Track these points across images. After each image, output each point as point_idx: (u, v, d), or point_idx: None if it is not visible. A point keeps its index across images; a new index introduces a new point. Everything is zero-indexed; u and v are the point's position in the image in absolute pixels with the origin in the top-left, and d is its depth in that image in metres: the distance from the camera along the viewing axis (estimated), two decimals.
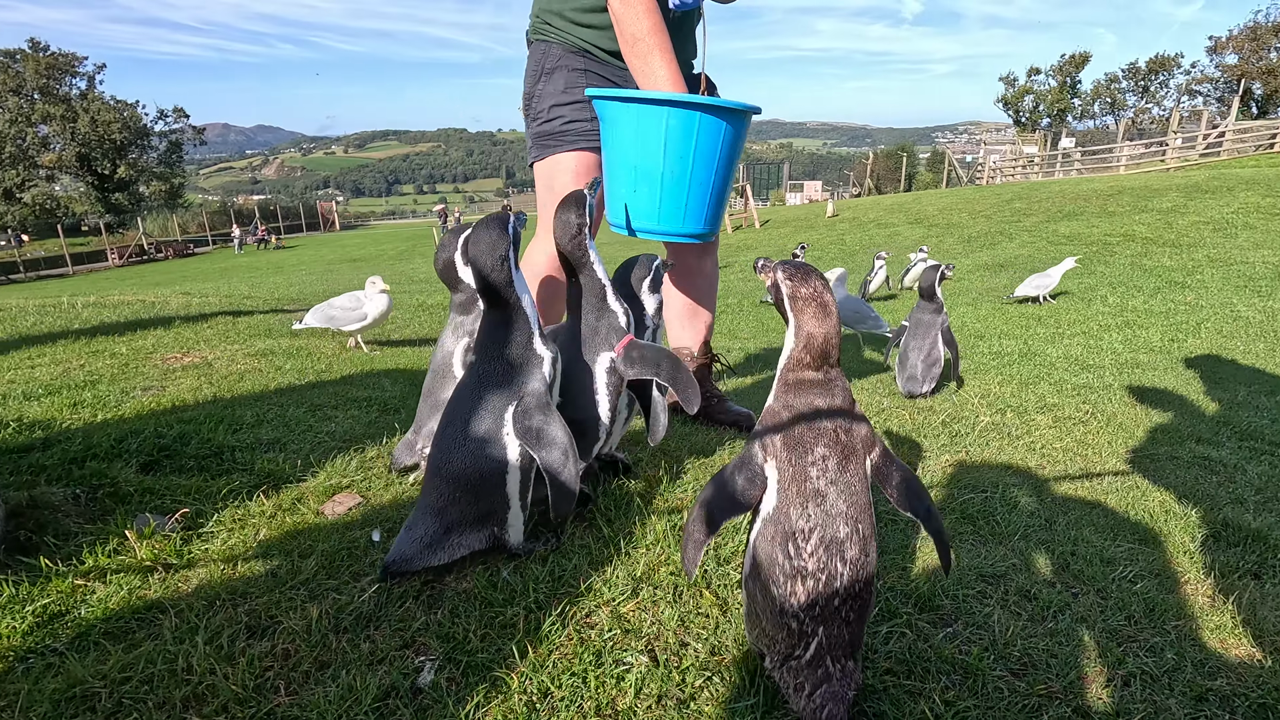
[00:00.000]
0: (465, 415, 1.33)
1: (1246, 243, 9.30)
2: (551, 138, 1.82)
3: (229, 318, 4.84)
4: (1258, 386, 3.53)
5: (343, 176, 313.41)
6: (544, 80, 1.81)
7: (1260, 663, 1.14)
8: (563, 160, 1.82)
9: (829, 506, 0.97)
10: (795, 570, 0.95)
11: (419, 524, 1.31)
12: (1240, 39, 30.60)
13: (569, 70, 1.80)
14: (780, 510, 0.98)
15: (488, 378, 1.34)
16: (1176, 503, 1.81)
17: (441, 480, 1.32)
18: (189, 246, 30.07)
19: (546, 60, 1.82)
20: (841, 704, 0.93)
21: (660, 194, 1.52)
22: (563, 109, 1.80)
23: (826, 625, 0.95)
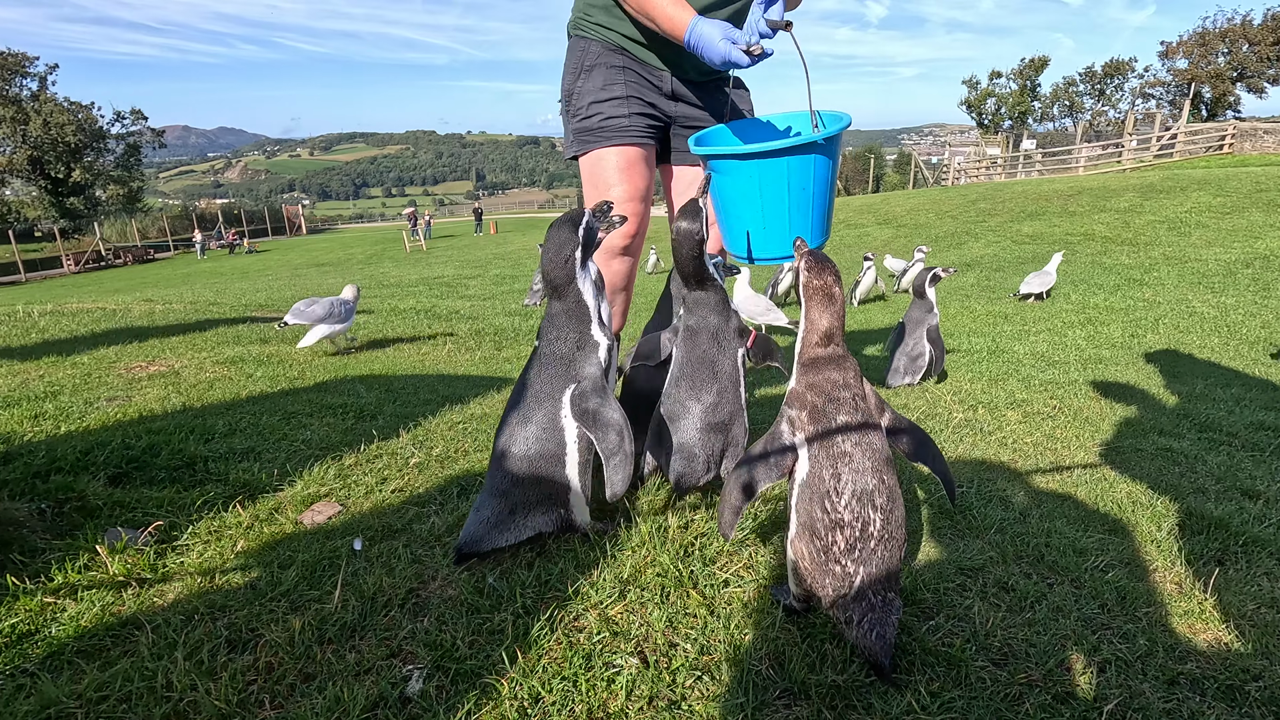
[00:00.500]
0: (526, 400, 1.39)
1: (1200, 241, 9.64)
2: (591, 133, 1.85)
3: (195, 325, 4.72)
4: (1214, 379, 3.66)
5: (309, 179, 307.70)
6: (583, 77, 1.84)
7: (1227, 646, 1.19)
8: (605, 155, 1.84)
9: (856, 464, 1.11)
10: (834, 522, 1.10)
11: (485, 506, 1.38)
12: (1190, 44, 31.69)
13: (608, 68, 1.83)
14: (814, 473, 1.13)
15: (548, 363, 1.40)
16: (1143, 493, 1.87)
17: (504, 463, 1.38)
18: (149, 252, 29.22)
19: (586, 58, 1.85)
20: (888, 628, 1.07)
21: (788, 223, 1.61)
22: (601, 105, 1.83)
23: (865, 565, 1.09)
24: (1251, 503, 1.83)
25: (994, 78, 39.09)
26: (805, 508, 1.13)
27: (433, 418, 2.34)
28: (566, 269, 1.40)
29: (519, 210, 67.51)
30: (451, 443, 2.07)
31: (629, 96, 1.85)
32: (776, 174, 1.53)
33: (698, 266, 1.55)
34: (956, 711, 1.01)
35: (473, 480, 1.78)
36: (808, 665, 1.09)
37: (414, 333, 4.86)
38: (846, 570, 1.09)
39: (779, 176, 1.53)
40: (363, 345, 4.34)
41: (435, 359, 3.82)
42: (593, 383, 1.39)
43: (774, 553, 1.42)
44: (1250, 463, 2.23)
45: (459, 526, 1.51)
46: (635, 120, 1.86)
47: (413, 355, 3.94)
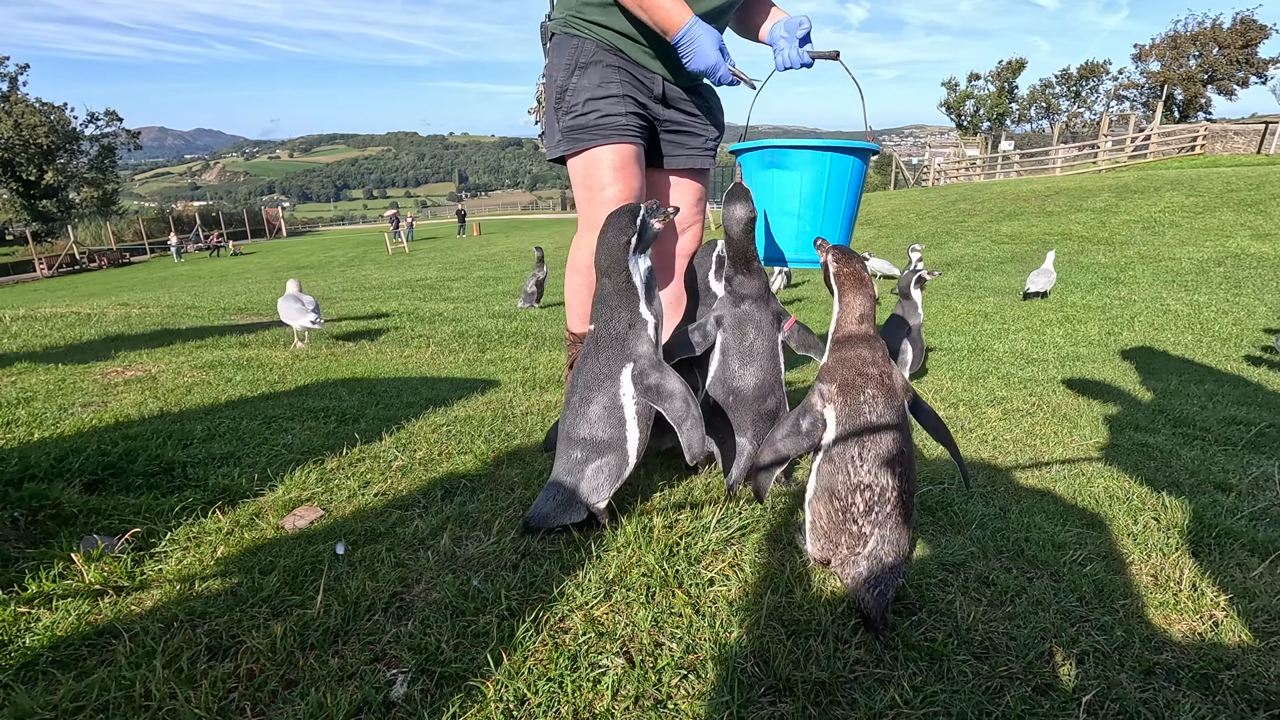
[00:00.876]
0: (587, 382, 1.47)
1: (1173, 240, 9.83)
2: (585, 131, 1.84)
3: (172, 329, 4.66)
4: (1187, 375, 3.73)
5: (289, 181, 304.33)
6: (578, 74, 1.82)
7: (1201, 636, 1.21)
8: (601, 154, 1.84)
9: (879, 433, 1.21)
10: (855, 484, 1.20)
11: (554, 485, 1.46)
12: (1162, 47, 32.32)
13: (604, 66, 1.83)
14: (840, 438, 1.23)
15: (605, 345, 1.49)
16: (1119, 488, 1.90)
17: (571, 444, 1.47)
18: (125, 255, 28.76)
19: (580, 55, 1.84)
20: (891, 587, 1.17)
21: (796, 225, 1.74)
22: (598, 103, 1.81)
23: (880, 527, 1.19)
24: (1224, 495, 1.87)
25: (972, 80, 39.60)
26: (829, 469, 1.23)
27: (416, 420, 2.32)
28: (620, 253, 1.47)
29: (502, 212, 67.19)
30: (435, 445, 2.05)
31: (624, 95, 1.85)
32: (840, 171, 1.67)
33: (750, 251, 1.65)
34: (939, 705, 1.02)
35: (457, 482, 1.77)
36: (793, 662, 1.10)
37: (397, 335, 4.83)
38: (863, 530, 1.19)
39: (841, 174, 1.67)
40: (343, 347, 4.30)
41: (418, 361, 3.79)
42: (649, 360, 1.48)
43: (759, 551, 1.43)
44: (1223, 457, 2.28)
45: (443, 529, 1.50)
46: (630, 119, 1.86)
47: (395, 358, 3.91)
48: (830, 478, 1.23)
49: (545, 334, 4.86)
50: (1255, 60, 30.20)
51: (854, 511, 1.20)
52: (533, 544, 1.45)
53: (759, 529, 1.52)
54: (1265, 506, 1.81)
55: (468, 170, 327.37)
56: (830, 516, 1.22)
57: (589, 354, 1.50)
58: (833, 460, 1.24)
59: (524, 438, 2.13)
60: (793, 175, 1.69)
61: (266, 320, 5.31)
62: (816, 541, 1.26)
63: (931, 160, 29.38)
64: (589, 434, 1.46)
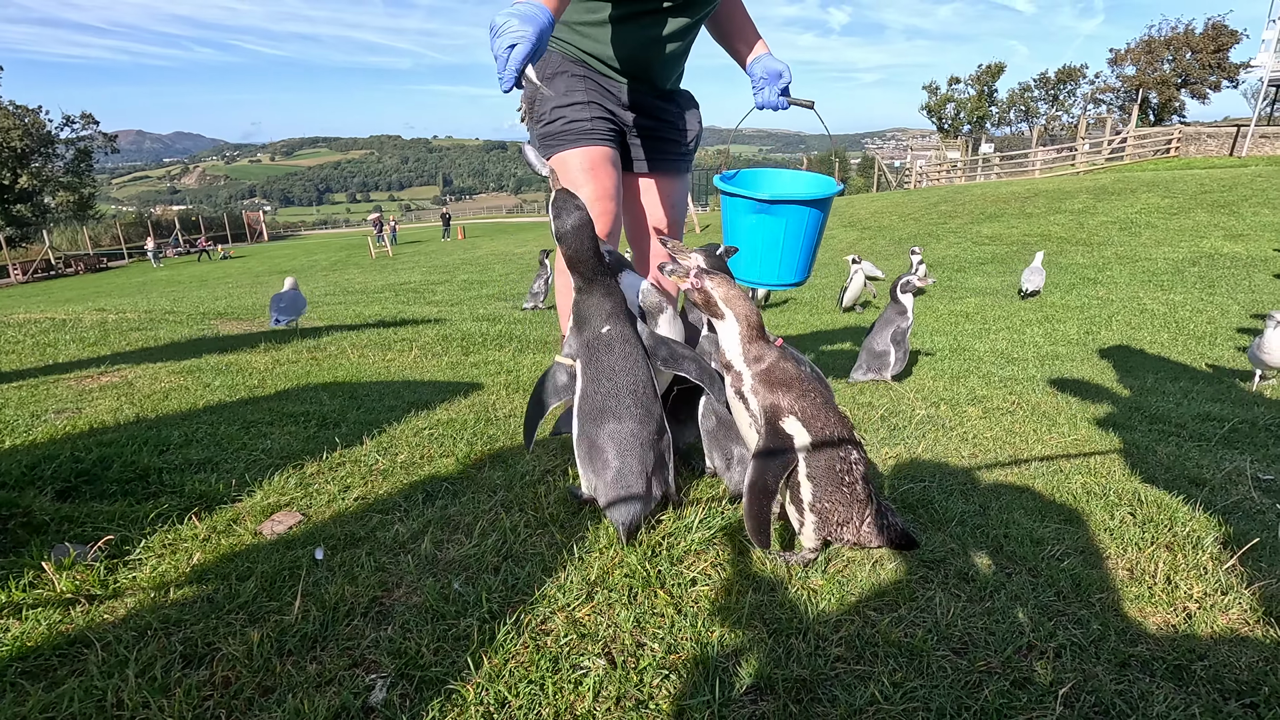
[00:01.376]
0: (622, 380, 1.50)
1: (1149, 240, 9.99)
2: (554, 137, 1.91)
3: (149, 334, 4.59)
4: (1163, 373, 3.79)
5: (270, 185, 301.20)
6: (546, 84, 1.88)
7: (1175, 628, 1.23)
8: (569, 157, 1.90)
9: (837, 423, 1.33)
10: (848, 465, 1.32)
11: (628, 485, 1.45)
12: (1137, 51, 32.86)
13: (570, 75, 1.90)
14: (815, 442, 1.32)
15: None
16: (1097, 484, 1.92)
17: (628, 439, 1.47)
18: (102, 260, 28.28)
19: (547, 67, 1.91)
20: (898, 517, 1.36)
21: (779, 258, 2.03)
22: (564, 110, 1.89)
23: (868, 484, 1.34)
24: (1198, 490, 1.90)
25: (953, 83, 40.04)
26: (820, 463, 1.31)
27: (398, 424, 2.31)
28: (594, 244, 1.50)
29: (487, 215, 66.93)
30: (417, 448, 2.04)
31: (590, 101, 1.90)
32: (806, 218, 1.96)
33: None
34: (918, 700, 1.03)
35: (438, 485, 1.76)
36: (774, 661, 1.10)
37: (379, 339, 4.78)
38: (867, 494, 1.32)
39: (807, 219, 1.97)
40: (325, 350, 4.26)
41: (401, 365, 3.76)
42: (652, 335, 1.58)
43: (740, 551, 1.43)
44: (1197, 452, 2.32)
45: (424, 533, 1.49)
46: (597, 124, 1.91)
47: (378, 361, 3.87)
48: (824, 471, 1.32)
49: (529, 337, 4.85)
50: (1227, 65, 30.81)
51: (858, 489, 1.32)
52: (514, 546, 1.44)
53: (739, 528, 1.53)
54: (1238, 500, 1.84)
55: (452, 174, 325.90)
56: (836, 499, 1.32)
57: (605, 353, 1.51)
58: (820, 458, 1.31)
59: (507, 440, 2.12)
60: (778, 220, 1.95)
61: (247, 325, 5.25)
62: (823, 530, 1.35)
63: (913, 163, 29.67)
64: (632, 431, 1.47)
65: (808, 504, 1.34)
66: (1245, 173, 13.58)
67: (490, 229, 34.64)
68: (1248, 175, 13.17)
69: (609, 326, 1.51)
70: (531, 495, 1.67)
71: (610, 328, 1.51)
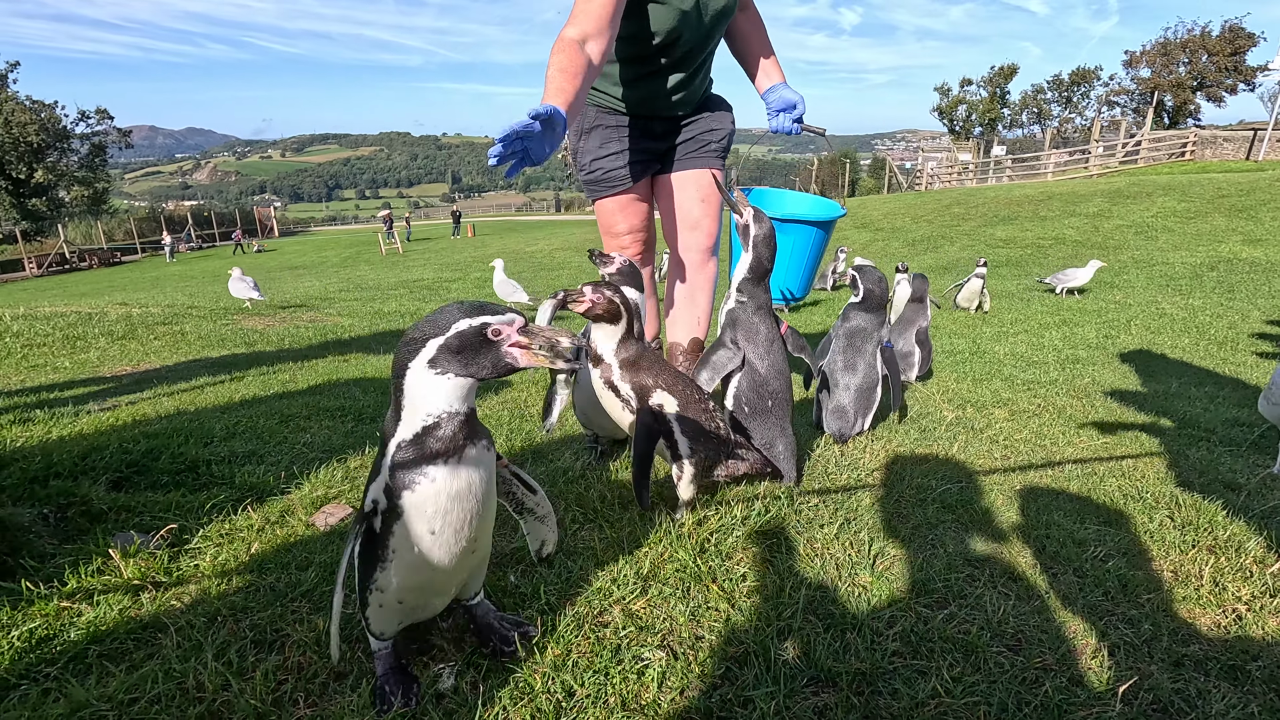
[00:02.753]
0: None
1: (1166, 245, 9.93)
2: (594, 185, 2.20)
3: (175, 328, 4.64)
4: (1187, 379, 3.78)
5: (280, 181, 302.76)
6: (584, 139, 2.16)
7: (1227, 629, 1.24)
8: (606, 204, 2.21)
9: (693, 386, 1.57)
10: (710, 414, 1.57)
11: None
12: (1152, 54, 32.63)
13: (604, 128, 2.14)
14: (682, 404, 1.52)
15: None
16: (1132, 487, 1.93)
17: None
18: (116, 255, 28.51)
19: (584, 122, 2.16)
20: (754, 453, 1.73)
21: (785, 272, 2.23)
22: (601, 162, 2.15)
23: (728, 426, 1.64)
24: (1235, 495, 1.90)
25: (964, 85, 39.86)
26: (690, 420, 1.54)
27: None
28: None
29: (496, 213, 67.05)
30: None
31: (624, 150, 2.16)
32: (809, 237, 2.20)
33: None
34: (978, 695, 1.05)
35: None
36: (833, 654, 1.12)
37: (396, 334, 4.83)
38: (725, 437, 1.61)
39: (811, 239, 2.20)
40: (349, 347, 4.30)
41: None
42: None
43: (786, 546, 1.45)
44: (1229, 457, 2.32)
45: None
46: (632, 168, 2.18)
47: None
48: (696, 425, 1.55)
49: None
50: (1243, 68, 30.55)
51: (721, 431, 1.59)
52: (565, 540, 1.46)
53: (783, 525, 1.55)
54: (1275, 505, 1.85)
55: (461, 171, 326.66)
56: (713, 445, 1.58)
57: None
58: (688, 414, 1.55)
59: (543, 436, 2.14)
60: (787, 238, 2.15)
61: (269, 320, 5.30)
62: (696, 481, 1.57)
63: (924, 164, 29.56)
64: None
65: (685, 455, 1.53)
66: (1263, 177, 13.47)
67: (499, 227, 34.72)
68: (1265, 180, 13.07)
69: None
70: (576, 491, 1.69)
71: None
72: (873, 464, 1.98)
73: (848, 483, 1.83)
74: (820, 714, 1.02)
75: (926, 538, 1.55)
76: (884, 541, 1.51)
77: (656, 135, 2.20)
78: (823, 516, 1.61)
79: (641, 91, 2.09)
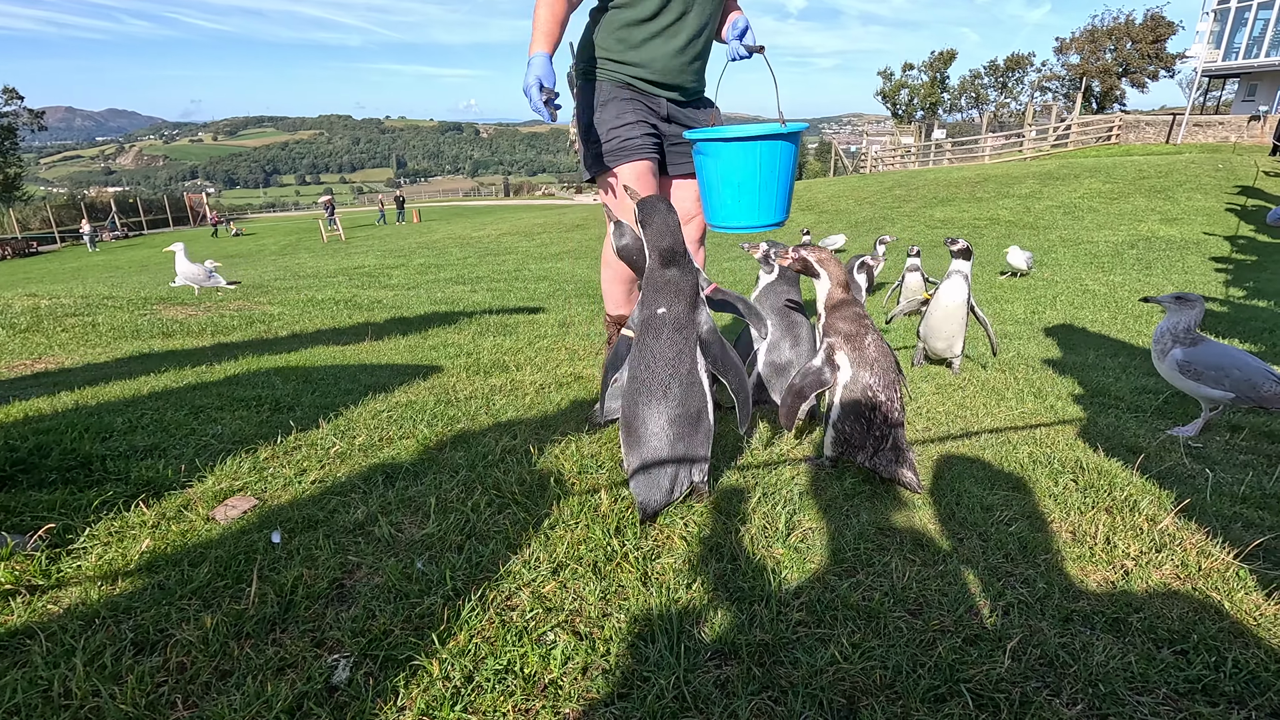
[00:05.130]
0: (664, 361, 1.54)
1: (1091, 224, 10.38)
2: (612, 154, 2.29)
3: (87, 319, 4.38)
4: (1104, 350, 3.96)
5: (213, 166, 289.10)
6: (600, 110, 2.28)
7: (1114, 584, 1.30)
8: (624, 170, 2.30)
9: (882, 367, 1.65)
10: (873, 404, 1.63)
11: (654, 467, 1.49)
12: (1081, 41, 33.88)
13: (619, 100, 2.29)
14: (855, 375, 1.66)
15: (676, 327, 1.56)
16: (1042, 454, 2.00)
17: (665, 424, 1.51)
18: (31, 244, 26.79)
19: (600, 95, 2.30)
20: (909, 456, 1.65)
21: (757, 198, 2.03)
22: (618, 130, 2.27)
23: (895, 427, 1.64)
24: (1135, 457, 1.99)
25: (906, 69, 40.69)
26: (854, 396, 1.65)
27: (355, 407, 2.26)
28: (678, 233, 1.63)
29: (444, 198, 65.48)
30: (375, 431, 2.00)
31: (638, 120, 2.30)
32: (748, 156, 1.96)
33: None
34: (876, 659, 1.06)
35: (399, 467, 1.73)
36: (737, 627, 1.13)
37: (333, 323, 4.67)
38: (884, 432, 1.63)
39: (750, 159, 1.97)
40: (278, 337, 4.13)
41: (356, 349, 3.68)
42: (711, 332, 1.62)
43: (704, 522, 1.45)
44: (1134, 423, 2.44)
45: (385, 514, 1.47)
46: (645, 140, 2.31)
47: (332, 346, 3.78)
48: (855, 401, 1.65)
49: (489, 320, 4.79)
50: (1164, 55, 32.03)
51: (876, 419, 1.63)
52: (478, 525, 1.43)
53: (702, 501, 1.55)
54: (1171, 466, 1.94)
55: (406, 155, 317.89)
56: (858, 427, 1.65)
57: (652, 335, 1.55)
58: (855, 391, 1.65)
59: (468, 421, 2.10)
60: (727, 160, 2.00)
61: (192, 310, 5.05)
62: (838, 449, 1.71)
63: (869, 148, 30.11)
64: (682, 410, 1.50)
65: (832, 421, 1.70)
66: (1180, 159, 14.19)
67: (446, 212, 33.97)
68: (1182, 162, 13.77)
69: (664, 309, 1.57)
70: (494, 475, 1.66)
71: (665, 310, 1.56)
72: (795, 438, 2.00)
73: (768, 458, 1.84)
74: (721, 686, 1.02)
75: (842, 509, 1.58)
76: (800, 514, 1.53)
77: (664, 117, 2.38)
78: (742, 491, 1.61)
79: (660, 51, 2.25)
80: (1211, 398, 2.25)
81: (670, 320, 1.56)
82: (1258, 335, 4.15)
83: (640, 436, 1.49)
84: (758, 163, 1.97)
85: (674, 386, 1.50)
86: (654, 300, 1.59)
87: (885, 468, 1.63)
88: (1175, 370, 2.30)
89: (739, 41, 2.28)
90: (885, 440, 1.63)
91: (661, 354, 1.52)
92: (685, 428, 1.50)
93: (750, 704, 0.98)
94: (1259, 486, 1.80)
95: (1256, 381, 2.15)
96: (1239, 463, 2.03)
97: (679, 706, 0.98)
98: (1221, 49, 21.21)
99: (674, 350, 1.53)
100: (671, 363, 1.51)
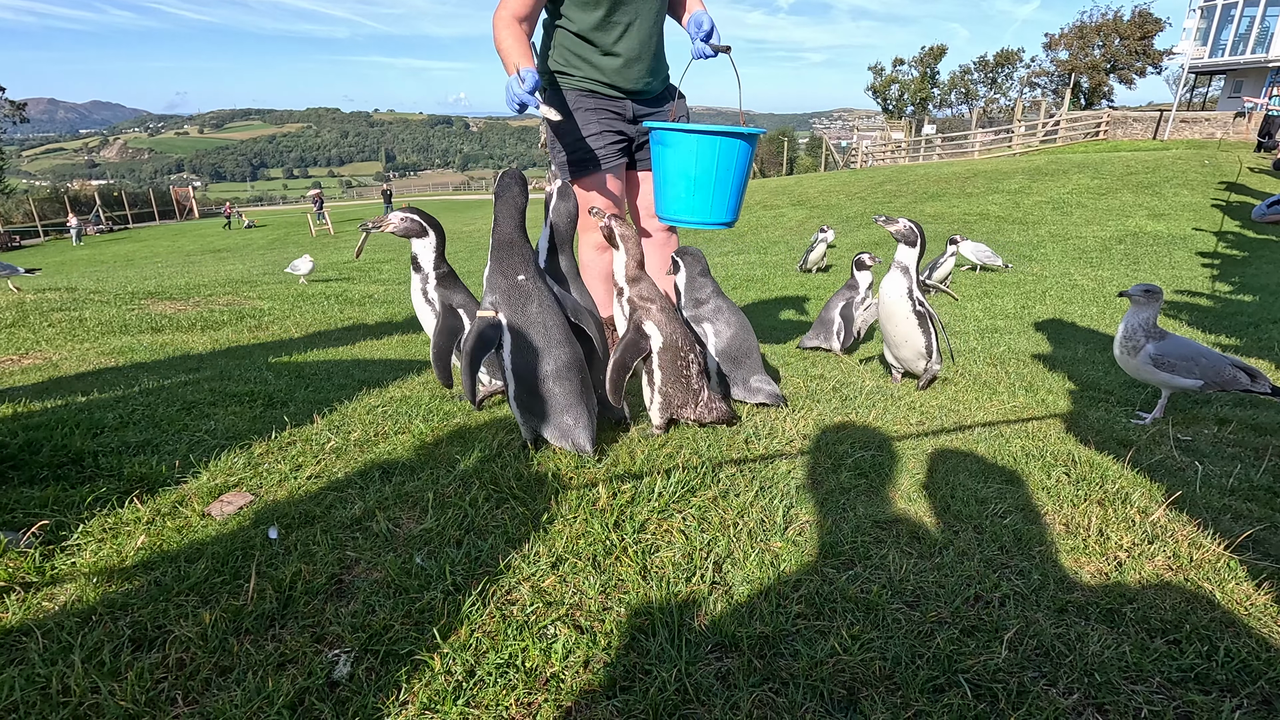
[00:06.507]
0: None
1: (1080, 220, 10.45)
2: (573, 165, 2.40)
3: (74, 314, 4.33)
4: (1093, 344, 4.00)
5: (199, 159, 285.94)
6: (566, 120, 2.30)
7: (1108, 575, 1.31)
8: (586, 182, 2.41)
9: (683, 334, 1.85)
10: (686, 363, 1.85)
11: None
12: (1070, 37, 34.04)
13: (584, 110, 2.36)
14: (665, 343, 1.85)
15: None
16: (1035, 447, 2.02)
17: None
18: (14, 238, 26.42)
19: (564, 107, 2.34)
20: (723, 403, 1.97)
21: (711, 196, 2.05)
22: (580, 143, 2.36)
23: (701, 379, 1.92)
24: (1126, 450, 2.02)
25: (897, 64, 40.76)
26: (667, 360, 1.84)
27: (349, 402, 2.25)
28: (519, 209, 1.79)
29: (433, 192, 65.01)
30: (370, 426, 1.99)
31: (603, 130, 2.38)
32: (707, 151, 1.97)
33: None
34: (875, 650, 1.07)
35: (395, 462, 1.72)
36: (738, 620, 1.13)
37: (325, 318, 4.64)
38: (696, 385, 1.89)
39: (709, 153, 1.97)
40: (266, 330, 4.10)
41: (349, 343, 3.66)
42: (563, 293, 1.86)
43: (702, 515, 1.46)
44: (1124, 416, 2.46)
45: (382, 509, 1.47)
46: (607, 149, 2.40)
47: (324, 341, 3.76)
48: (671, 366, 1.85)
49: None
50: (1151, 51, 32.24)
51: (692, 382, 1.86)
52: (476, 520, 1.43)
53: (700, 493, 1.55)
54: (1161, 459, 1.97)
55: (395, 149, 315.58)
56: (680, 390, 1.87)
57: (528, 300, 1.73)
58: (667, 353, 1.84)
59: (465, 416, 2.09)
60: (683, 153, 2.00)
61: (181, 305, 5.00)
62: (665, 411, 1.89)
63: (859, 143, 30.17)
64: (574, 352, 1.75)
65: (657, 387, 1.87)
66: (1167, 155, 14.30)
67: (436, 207, 33.76)
68: (1169, 158, 13.88)
69: (523, 276, 1.72)
70: (491, 470, 1.66)
71: (524, 277, 1.72)
72: (791, 432, 2.01)
73: (765, 451, 1.85)
74: (722, 678, 1.03)
75: (839, 502, 1.59)
76: (797, 508, 1.54)
77: (629, 119, 2.44)
78: (739, 485, 1.62)
79: (601, 66, 2.32)
80: (1183, 387, 2.33)
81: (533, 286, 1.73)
82: (1243, 330, 4.20)
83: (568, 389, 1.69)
84: (714, 159, 1.98)
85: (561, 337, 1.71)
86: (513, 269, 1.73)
87: (711, 413, 1.90)
88: (1150, 364, 2.36)
89: (705, 42, 2.27)
90: (702, 391, 1.88)
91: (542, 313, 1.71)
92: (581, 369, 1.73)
93: (752, 696, 0.99)
94: (1247, 479, 1.83)
95: (1220, 367, 2.30)
96: (1227, 455, 2.06)
97: (681, 699, 0.99)
98: (1208, 46, 21.37)
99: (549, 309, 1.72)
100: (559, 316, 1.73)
